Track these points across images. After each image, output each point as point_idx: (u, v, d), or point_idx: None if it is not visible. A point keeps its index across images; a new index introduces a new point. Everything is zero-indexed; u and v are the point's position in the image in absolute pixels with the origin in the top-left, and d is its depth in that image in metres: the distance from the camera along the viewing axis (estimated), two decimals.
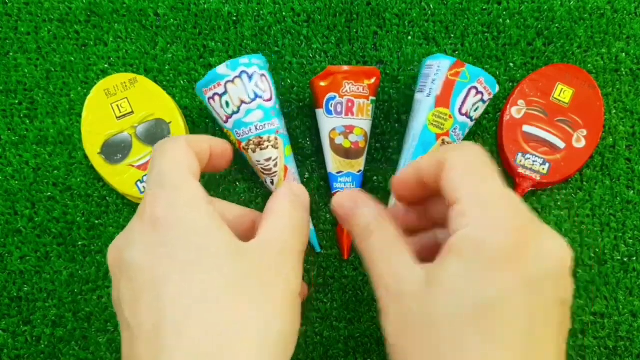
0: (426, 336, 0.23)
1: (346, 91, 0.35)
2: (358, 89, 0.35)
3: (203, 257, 0.23)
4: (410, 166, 0.29)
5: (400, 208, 0.32)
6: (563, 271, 0.23)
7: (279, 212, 0.28)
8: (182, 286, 0.22)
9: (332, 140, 0.36)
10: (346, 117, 0.35)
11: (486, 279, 0.22)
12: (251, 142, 0.44)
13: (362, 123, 0.36)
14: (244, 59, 0.43)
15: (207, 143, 0.29)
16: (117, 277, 0.24)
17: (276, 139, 0.44)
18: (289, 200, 0.29)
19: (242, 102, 0.43)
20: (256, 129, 0.44)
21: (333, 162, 0.37)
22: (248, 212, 0.32)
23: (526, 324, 0.22)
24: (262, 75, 0.44)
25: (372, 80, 0.37)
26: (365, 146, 0.36)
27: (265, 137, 0.44)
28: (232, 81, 0.43)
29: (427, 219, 0.31)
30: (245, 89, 0.43)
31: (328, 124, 0.40)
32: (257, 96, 0.43)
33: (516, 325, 0.22)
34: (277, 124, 0.44)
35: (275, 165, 0.43)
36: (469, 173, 0.25)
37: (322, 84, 0.37)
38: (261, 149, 0.43)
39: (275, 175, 0.44)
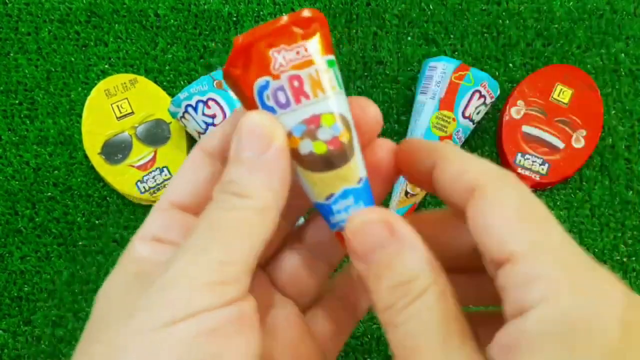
0: None
1: (281, 65, 0.18)
2: (298, 52, 0.18)
3: None
4: (430, 151, 0.19)
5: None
6: None
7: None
8: None
9: (294, 153, 0.19)
10: (298, 105, 0.19)
11: None
12: None
13: (331, 103, 0.19)
14: (183, 94, 0.44)
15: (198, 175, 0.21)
16: None
17: None
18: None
19: (199, 133, 0.45)
20: None
21: (312, 185, 0.19)
22: (202, 187, 0.21)
23: None
24: (208, 100, 0.44)
25: (316, 31, 0.19)
26: (350, 137, 0.19)
27: None
28: (183, 116, 0.45)
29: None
30: (195, 122, 0.44)
31: None
32: (208, 125, 0.44)
33: None
34: None
35: None
36: (525, 214, 0.17)
37: (238, 71, 0.19)
38: None
39: None
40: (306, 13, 0.19)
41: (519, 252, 0.16)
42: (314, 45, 0.19)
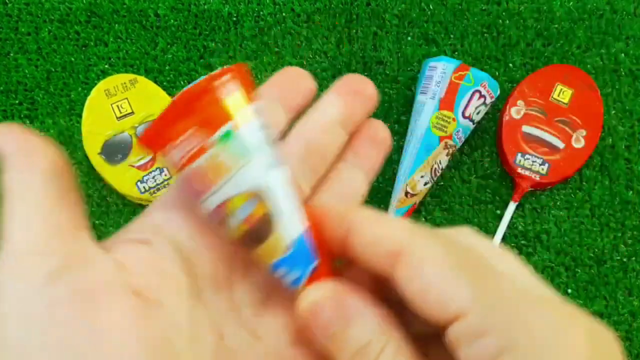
0: None
1: (175, 164, 0.18)
2: (183, 146, 0.17)
3: None
4: (341, 217, 0.19)
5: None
6: None
7: None
8: None
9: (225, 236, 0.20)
10: (206, 194, 0.18)
11: None
12: None
13: (231, 186, 0.18)
14: None
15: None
16: None
17: None
18: None
19: None
20: None
21: (254, 259, 0.20)
22: None
23: None
24: None
25: (200, 110, 0.17)
26: (266, 208, 0.18)
27: None
28: None
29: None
30: None
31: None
32: None
33: None
34: None
35: None
36: (458, 269, 0.16)
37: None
38: None
39: None
40: (192, 91, 0.17)
41: (464, 308, 0.15)
42: (199, 131, 0.17)
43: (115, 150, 0.47)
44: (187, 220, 0.20)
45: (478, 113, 0.46)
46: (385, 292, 0.19)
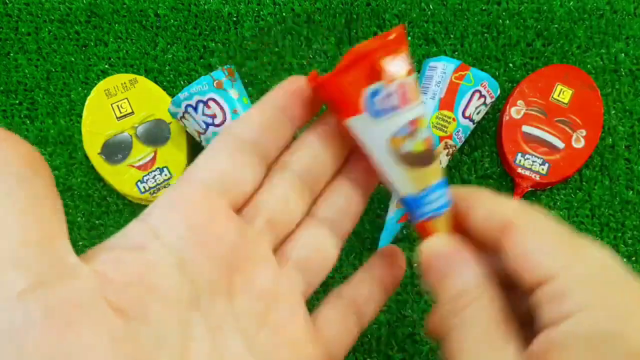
0: None
1: (393, 73, 0.21)
2: (403, 63, 0.21)
3: None
4: (461, 198, 0.22)
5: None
6: None
7: None
8: None
9: (397, 152, 0.21)
10: (404, 107, 0.21)
11: None
12: None
13: (424, 107, 0.21)
14: (183, 94, 0.43)
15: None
16: None
17: None
18: None
19: (199, 133, 0.44)
20: None
21: (410, 181, 0.22)
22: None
23: None
24: (208, 100, 0.44)
25: (407, 45, 0.22)
26: (434, 140, 0.22)
27: None
28: (183, 116, 0.44)
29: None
30: (195, 122, 0.44)
31: (381, 131, 0.22)
32: (207, 125, 0.44)
33: None
34: None
35: None
36: (555, 242, 0.19)
37: (349, 77, 0.21)
38: None
39: None
40: (399, 31, 0.21)
41: (553, 273, 0.18)
42: (409, 58, 0.22)
43: (115, 150, 0.47)
44: (187, 224, 0.19)
45: (478, 113, 0.46)
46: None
